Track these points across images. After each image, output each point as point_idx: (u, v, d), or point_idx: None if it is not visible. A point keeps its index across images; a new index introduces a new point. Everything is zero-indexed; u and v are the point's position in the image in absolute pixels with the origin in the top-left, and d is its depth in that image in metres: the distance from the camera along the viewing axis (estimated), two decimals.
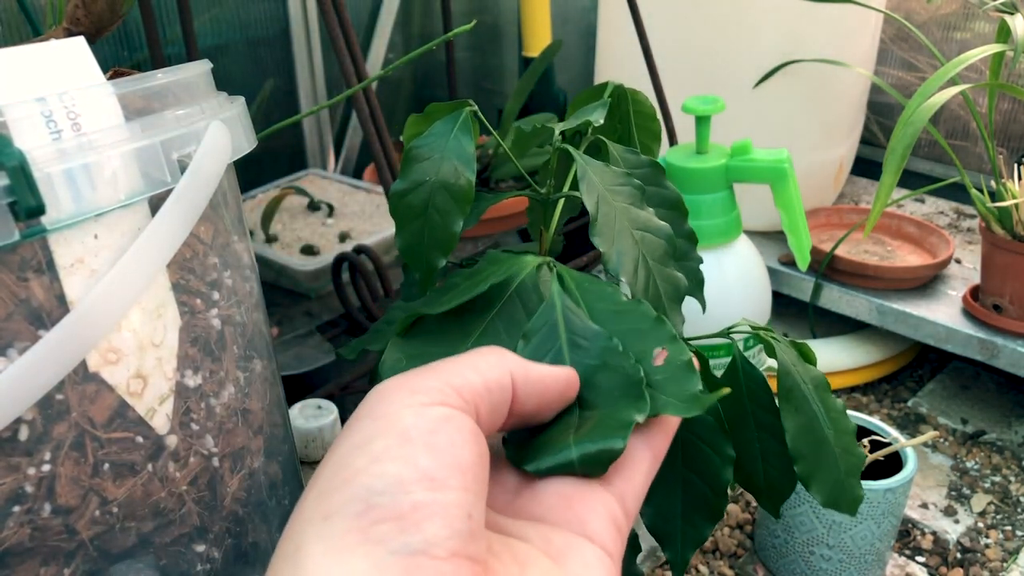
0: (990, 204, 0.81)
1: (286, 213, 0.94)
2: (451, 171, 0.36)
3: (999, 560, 0.72)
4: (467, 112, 0.38)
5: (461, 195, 0.36)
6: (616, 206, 0.36)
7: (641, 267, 0.35)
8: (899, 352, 0.98)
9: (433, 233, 0.37)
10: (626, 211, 0.36)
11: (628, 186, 0.37)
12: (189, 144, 0.31)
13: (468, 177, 0.36)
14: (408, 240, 0.37)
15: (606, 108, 0.41)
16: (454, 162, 0.36)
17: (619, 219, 0.35)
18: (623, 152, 0.41)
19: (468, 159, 0.36)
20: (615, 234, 0.35)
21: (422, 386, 0.24)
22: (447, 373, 0.25)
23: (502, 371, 0.27)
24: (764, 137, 0.86)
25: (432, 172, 0.36)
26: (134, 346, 0.30)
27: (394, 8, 1.17)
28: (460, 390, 0.25)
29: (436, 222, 0.36)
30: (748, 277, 0.76)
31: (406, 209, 0.37)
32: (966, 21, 1.12)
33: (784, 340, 0.40)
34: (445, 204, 0.36)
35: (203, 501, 0.33)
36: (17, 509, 0.28)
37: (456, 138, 0.37)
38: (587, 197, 0.35)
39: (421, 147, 0.37)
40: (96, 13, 0.37)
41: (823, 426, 0.38)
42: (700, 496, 0.40)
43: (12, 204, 0.25)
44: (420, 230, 0.37)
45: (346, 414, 0.87)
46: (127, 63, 0.94)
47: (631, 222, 0.36)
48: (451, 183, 0.36)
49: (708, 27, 0.95)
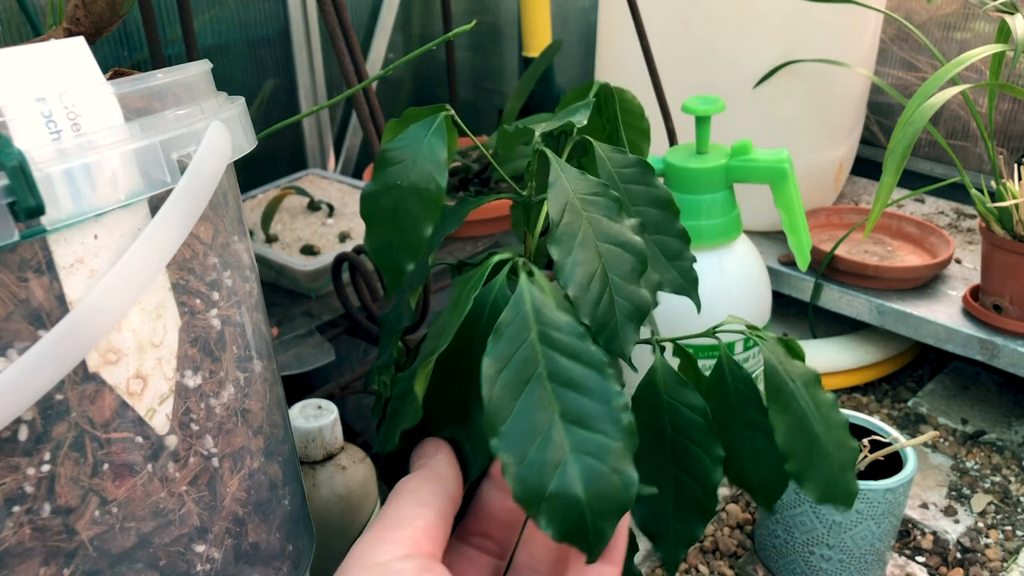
0: (990, 204, 0.81)
1: (286, 213, 0.94)
2: (423, 176, 0.36)
3: (999, 560, 0.72)
4: (442, 117, 0.37)
5: (431, 200, 0.36)
6: (585, 215, 0.35)
7: (597, 281, 0.34)
8: (899, 352, 0.98)
9: (403, 237, 0.37)
10: (595, 222, 0.35)
11: (604, 197, 0.36)
12: (189, 144, 0.31)
13: (439, 183, 0.36)
14: (378, 243, 0.37)
15: (590, 108, 0.41)
16: (426, 167, 0.36)
17: (584, 229, 0.35)
18: (610, 151, 0.41)
19: (440, 164, 0.36)
20: (575, 244, 0.34)
21: (397, 536, 0.31)
22: (412, 520, 0.32)
23: (443, 499, 0.33)
24: (764, 137, 0.86)
25: (404, 176, 0.36)
26: (134, 346, 0.30)
27: (394, 8, 1.17)
28: (424, 532, 0.31)
29: (406, 226, 0.36)
30: (748, 277, 0.76)
31: (377, 212, 0.37)
32: (966, 21, 1.12)
33: (770, 337, 0.40)
34: (415, 209, 0.36)
35: (203, 501, 0.33)
36: (17, 509, 0.28)
37: (429, 143, 0.37)
38: (552, 203, 0.35)
39: (394, 150, 0.37)
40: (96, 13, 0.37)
41: (813, 423, 0.38)
42: (691, 496, 0.40)
43: (12, 204, 0.25)
44: (390, 233, 0.37)
45: (346, 414, 0.87)
46: (127, 63, 0.94)
47: (599, 234, 0.35)
48: (422, 188, 0.36)
49: (708, 27, 0.95)
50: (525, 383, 0.31)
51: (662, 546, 0.40)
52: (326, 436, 0.57)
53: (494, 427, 0.30)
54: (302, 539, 0.40)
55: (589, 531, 0.29)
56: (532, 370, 0.31)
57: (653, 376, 0.40)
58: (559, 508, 0.29)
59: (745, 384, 0.40)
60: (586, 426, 0.30)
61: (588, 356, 0.32)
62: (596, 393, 0.31)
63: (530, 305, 0.32)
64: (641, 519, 0.40)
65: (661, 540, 0.40)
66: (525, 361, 0.31)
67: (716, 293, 0.73)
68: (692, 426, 0.39)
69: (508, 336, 0.32)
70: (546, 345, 0.32)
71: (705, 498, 0.39)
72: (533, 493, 0.29)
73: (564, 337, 0.32)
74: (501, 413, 0.30)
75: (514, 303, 0.32)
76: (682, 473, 0.40)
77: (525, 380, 0.31)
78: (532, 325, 0.32)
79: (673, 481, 0.40)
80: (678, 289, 0.41)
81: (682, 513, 0.40)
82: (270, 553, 0.37)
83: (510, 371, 0.31)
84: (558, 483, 0.29)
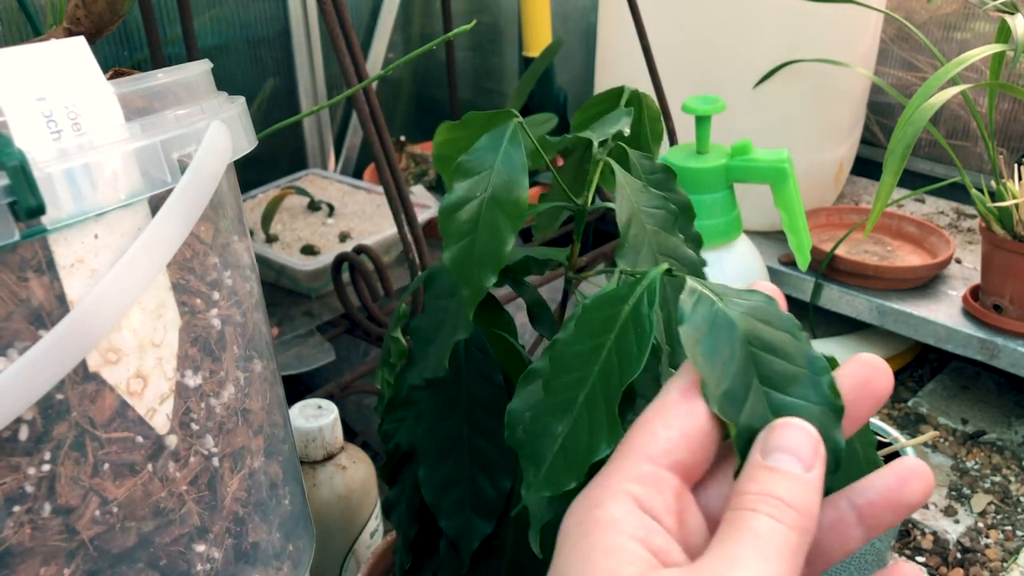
0: (990, 204, 0.81)
1: (286, 213, 0.94)
2: (503, 186, 0.35)
3: (999, 560, 0.72)
4: (515, 124, 0.36)
5: (514, 210, 0.35)
6: (649, 228, 0.35)
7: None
8: (899, 352, 0.98)
9: (484, 249, 0.35)
10: (656, 234, 0.35)
11: (663, 210, 0.36)
12: (189, 144, 0.31)
13: (521, 192, 0.35)
14: (457, 256, 0.36)
15: (631, 116, 0.41)
16: (506, 176, 0.35)
17: (648, 243, 0.35)
18: (639, 158, 0.41)
19: (520, 173, 0.35)
20: (639, 257, 0.34)
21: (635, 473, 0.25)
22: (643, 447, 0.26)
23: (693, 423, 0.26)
24: (764, 137, 0.86)
25: (483, 187, 0.35)
26: (134, 346, 0.30)
27: (394, 8, 1.17)
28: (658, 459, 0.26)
29: (487, 238, 0.35)
30: (748, 277, 0.76)
31: (456, 225, 0.35)
32: (966, 21, 1.12)
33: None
34: (497, 220, 0.35)
35: (203, 501, 0.33)
36: (17, 509, 0.28)
37: (507, 152, 0.36)
38: (620, 214, 0.34)
39: (471, 161, 0.36)
40: (96, 13, 0.37)
41: None
42: None
43: (12, 204, 0.25)
44: (469, 247, 0.35)
45: (346, 414, 0.87)
46: (127, 63, 0.94)
47: (659, 247, 0.35)
48: (503, 198, 0.35)
49: (708, 27, 0.95)
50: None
51: None
52: (326, 436, 0.57)
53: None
54: (302, 539, 0.40)
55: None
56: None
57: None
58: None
59: None
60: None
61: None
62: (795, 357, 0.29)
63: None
64: None
65: None
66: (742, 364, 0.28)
67: None
68: None
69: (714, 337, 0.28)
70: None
71: None
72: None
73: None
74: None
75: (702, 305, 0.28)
76: None
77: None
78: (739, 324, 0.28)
79: None
80: None
81: None
82: (270, 553, 0.37)
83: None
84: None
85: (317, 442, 0.57)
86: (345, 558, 0.59)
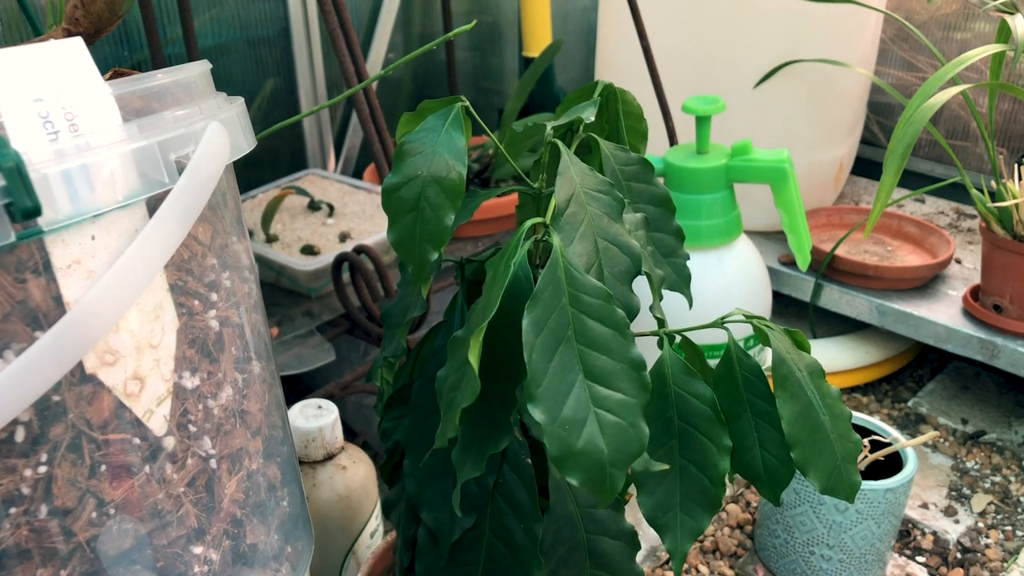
0: (990, 204, 0.81)
1: (286, 213, 0.94)
2: (442, 165, 0.37)
3: (999, 560, 0.71)
4: (458, 108, 0.38)
5: (452, 189, 0.37)
6: (589, 209, 0.36)
7: (594, 273, 0.35)
8: (899, 352, 0.98)
9: (425, 227, 0.37)
10: (597, 218, 0.36)
11: (609, 196, 0.37)
12: (187, 145, 0.31)
13: (459, 171, 0.37)
14: (401, 234, 0.38)
15: (596, 106, 0.42)
16: (445, 156, 0.37)
17: (587, 223, 0.36)
18: (613, 149, 0.42)
19: (459, 153, 0.37)
20: (576, 236, 0.35)
21: None
22: None
23: None
24: (764, 137, 0.86)
25: (424, 166, 0.37)
26: (131, 347, 0.30)
27: (394, 8, 1.17)
28: None
29: (428, 216, 0.37)
30: (748, 277, 0.76)
31: (398, 203, 0.38)
32: (966, 21, 1.12)
33: (778, 328, 0.40)
34: (437, 198, 0.37)
35: (201, 503, 0.33)
36: (14, 511, 0.28)
37: (447, 133, 0.38)
38: (559, 192, 0.36)
39: (413, 142, 0.38)
40: (95, 13, 0.37)
41: (819, 412, 0.38)
42: (698, 486, 0.40)
43: (8, 205, 0.25)
44: (412, 224, 0.38)
45: (346, 414, 0.87)
46: (127, 63, 0.94)
47: (599, 231, 0.36)
48: (443, 177, 0.37)
49: (708, 27, 0.95)
50: (557, 346, 0.32)
51: (669, 537, 0.40)
52: (326, 436, 0.57)
53: (532, 392, 0.31)
54: (301, 540, 0.40)
55: (606, 480, 0.32)
56: (563, 333, 0.32)
57: (661, 367, 0.40)
58: (585, 462, 0.31)
59: (753, 373, 0.40)
60: (607, 384, 0.32)
61: (612, 318, 0.33)
62: (617, 353, 0.33)
63: (563, 270, 0.33)
64: (649, 511, 0.40)
65: (668, 532, 0.40)
66: (559, 325, 0.32)
67: (716, 293, 0.73)
68: (699, 416, 0.39)
69: (543, 301, 0.32)
70: (576, 308, 0.33)
71: (712, 488, 0.40)
72: (566, 451, 0.31)
73: (592, 300, 0.33)
74: (537, 376, 0.31)
75: (549, 268, 0.33)
76: (689, 463, 0.40)
77: (557, 343, 0.32)
78: (565, 290, 0.33)
79: (679, 471, 0.40)
80: (672, 285, 0.42)
81: (688, 504, 0.40)
82: (268, 554, 0.37)
83: (545, 335, 0.32)
84: (585, 439, 0.31)
85: (317, 442, 0.57)
86: (345, 558, 0.59)
